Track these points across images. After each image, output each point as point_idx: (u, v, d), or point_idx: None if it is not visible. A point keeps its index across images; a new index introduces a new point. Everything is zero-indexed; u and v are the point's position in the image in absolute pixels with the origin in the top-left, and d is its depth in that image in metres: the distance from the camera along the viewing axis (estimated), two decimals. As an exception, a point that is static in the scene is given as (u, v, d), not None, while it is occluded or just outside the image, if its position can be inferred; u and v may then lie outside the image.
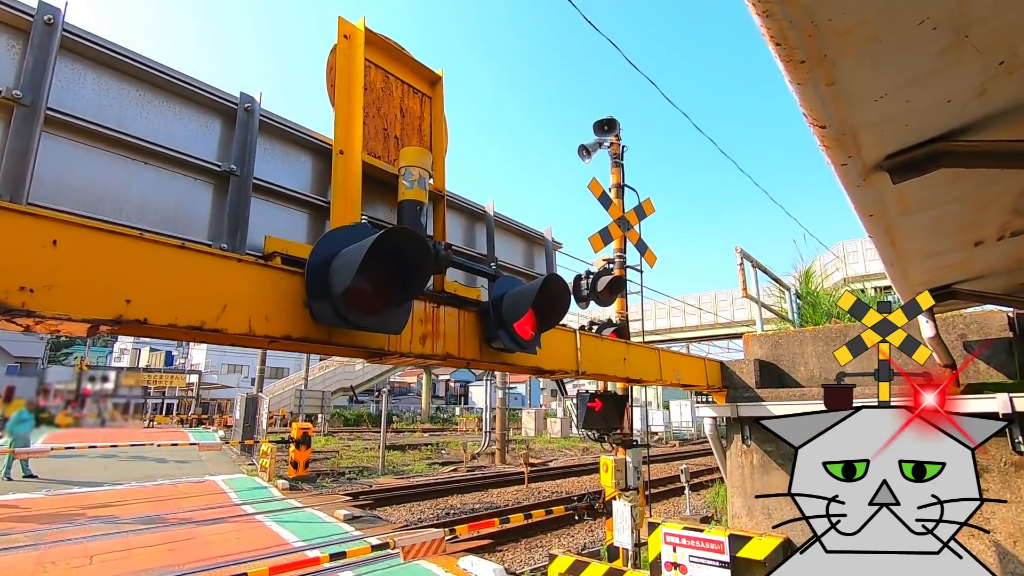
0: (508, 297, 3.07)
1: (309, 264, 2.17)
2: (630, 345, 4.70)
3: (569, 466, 21.41)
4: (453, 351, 3.03)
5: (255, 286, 2.12)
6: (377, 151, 3.16)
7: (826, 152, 1.91)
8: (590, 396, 7.18)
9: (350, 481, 17.33)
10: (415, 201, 2.90)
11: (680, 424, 42.03)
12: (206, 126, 2.48)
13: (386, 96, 3.30)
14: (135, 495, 14.26)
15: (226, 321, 2.00)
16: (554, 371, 3.76)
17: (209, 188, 2.45)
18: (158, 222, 2.19)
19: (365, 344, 2.49)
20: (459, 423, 45.36)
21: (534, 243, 4.40)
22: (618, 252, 8.95)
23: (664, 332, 37.23)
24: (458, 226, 3.75)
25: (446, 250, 2.80)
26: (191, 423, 41.11)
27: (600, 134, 9.03)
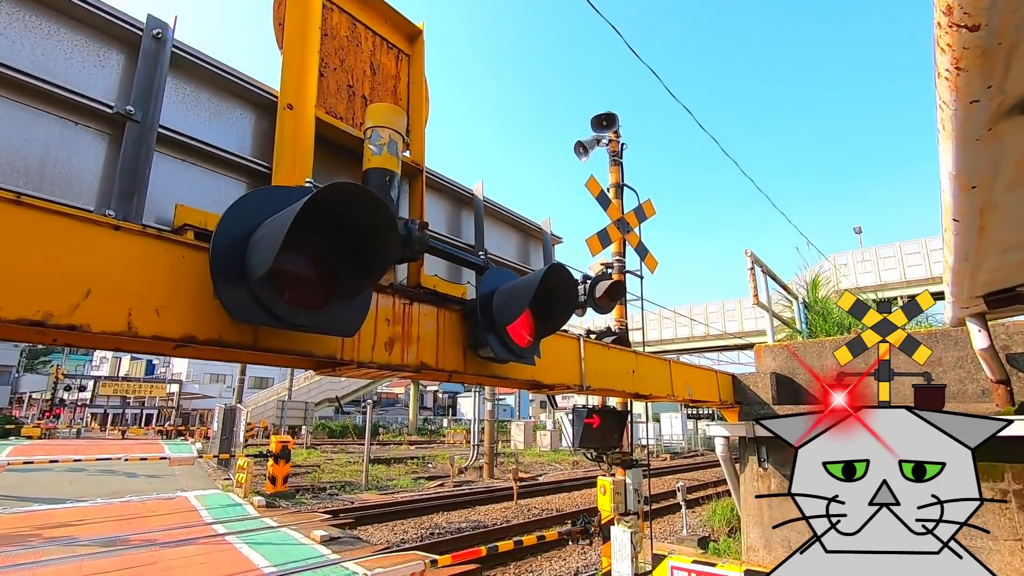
0: (500, 293, 2.43)
1: (216, 235, 1.53)
2: (639, 355, 4.08)
3: (559, 481, 20.75)
4: (429, 360, 2.39)
5: (141, 266, 1.49)
6: (339, 111, 2.54)
7: (956, 78, 1.34)
8: (587, 411, 6.55)
9: (331, 497, 16.54)
10: (383, 170, 2.28)
11: (671, 437, 41.48)
12: (99, 57, 1.85)
13: (352, 47, 2.69)
14: (99, 513, 13.36)
15: (89, 314, 1.36)
16: (554, 386, 3.13)
17: (101, 140, 1.82)
18: (8, 177, 1.55)
19: (309, 350, 1.86)
20: (447, 435, 44.42)
21: (530, 235, 3.79)
22: (617, 256, 8.39)
23: (656, 344, 36.71)
24: (440, 211, 3.13)
25: (422, 231, 2.17)
26: (170, 434, 39.85)
27: (598, 130, 8.48)
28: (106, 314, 1.40)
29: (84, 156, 1.75)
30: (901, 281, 28.77)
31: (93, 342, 1.47)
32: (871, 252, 30.80)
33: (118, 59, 1.89)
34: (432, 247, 2.38)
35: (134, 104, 1.81)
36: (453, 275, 3.05)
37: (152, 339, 1.47)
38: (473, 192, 3.26)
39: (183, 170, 2.00)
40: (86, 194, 1.74)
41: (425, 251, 2.26)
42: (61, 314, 1.32)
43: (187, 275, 1.58)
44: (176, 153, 1.98)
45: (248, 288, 1.51)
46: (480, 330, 2.43)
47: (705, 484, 20.04)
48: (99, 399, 47.68)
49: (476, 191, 3.26)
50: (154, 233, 1.54)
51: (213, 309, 1.61)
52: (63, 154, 1.71)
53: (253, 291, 1.51)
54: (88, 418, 47.98)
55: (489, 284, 2.51)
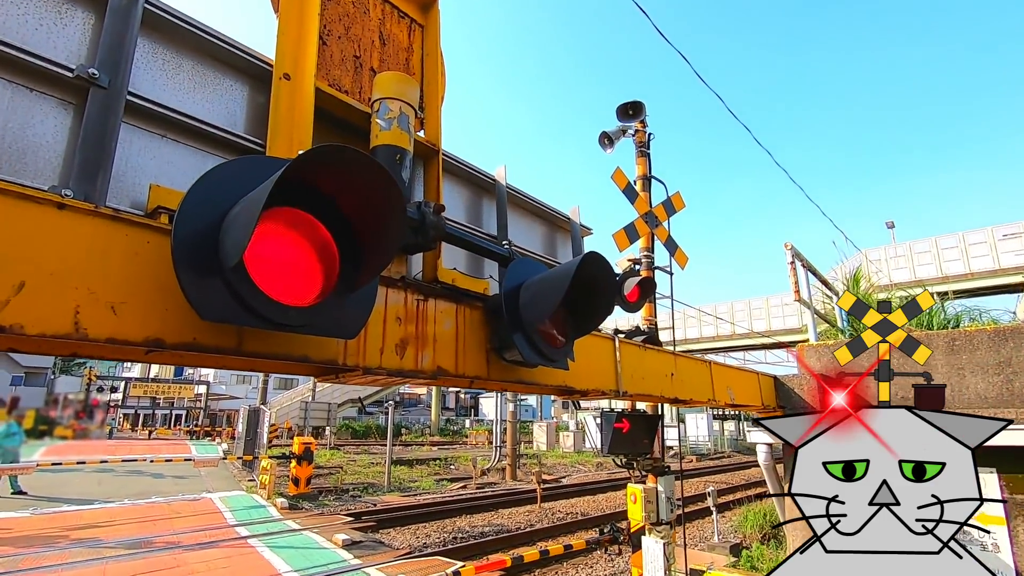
0: (528, 288, 2.11)
1: (180, 213, 1.22)
2: (678, 357, 3.72)
3: (583, 483, 20.36)
4: (448, 365, 2.08)
5: (92, 254, 1.21)
6: (344, 84, 2.25)
7: None
8: (617, 415, 6.19)
9: (354, 499, 16.44)
10: (394, 147, 1.99)
11: (696, 438, 40.65)
12: (60, 14, 1.59)
13: (359, 14, 2.40)
14: (125, 514, 13.47)
15: (22, 313, 1.09)
16: (587, 391, 2.80)
17: (62, 110, 1.56)
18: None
19: (304, 354, 1.57)
20: (469, 436, 44.26)
21: (557, 226, 3.46)
22: (645, 251, 8.01)
23: (681, 343, 35.97)
24: (459, 198, 2.82)
25: (437, 215, 1.86)
26: (199, 435, 40.53)
27: (624, 119, 8.08)
28: (45, 312, 1.12)
29: (40, 128, 1.49)
30: (938, 277, 27.66)
31: (31, 346, 1.21)
32: (904, 247, 29.70)
33: (83, 17, 1.63)
34: (450, 234, 2.07)
35: (99, 67, 1.54)
36: (473, 268, 2.75)
37: (107, 342, 1.19)
38: (495, 177, 2.95)
39: (160, 146, 1.73)
40: (43, 172, 1.48)
41: (442, 238, 1.95)
42: (-17, 312, 1.05)
43: (153, 265, 1.30)
44: (152, 127, 1.72)
45: (222, 278, 1.23)
46: (506, 330, 2.11)
47: (734, 487, 19.42)
48: (130, 400, 48.79)
49: (498, 176, 2.95)
50: (109, 214, 1.26)
51: (186, 306, 1.33)
52: (13, 125, 1.45)
53: (228, 282, 1.22)
54: (120, 418, 49.07)
55: (515, 277, 2.18)
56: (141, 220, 1.33)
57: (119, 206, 1.54)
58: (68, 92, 1.57)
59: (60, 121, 1.55)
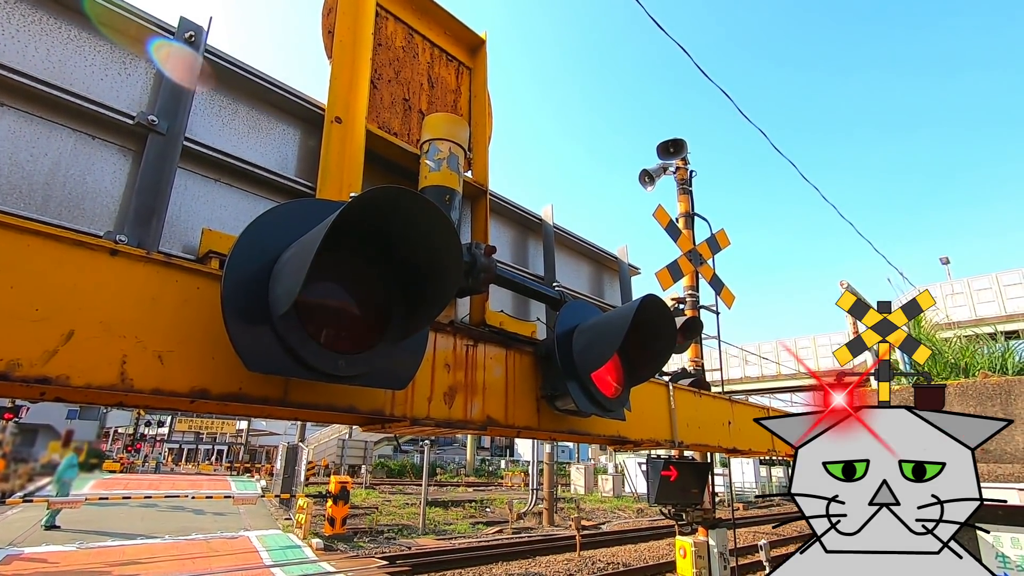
0: (582, 332, 2.00)
1: (231, 259, 1.18)
2: (734, 404, 3.49)
3: (624, 531, 19.47)
4: (497, 414, 1.97)
5: (142, 301, 1.18)
6: (393, 126, 2.25)
7: None
8: (664, 463, 5.88)
9: (389, 541, 16.14)
10: (443, 188, 1.94)
11: (743, 485, 38.70)
12: (124, 64, 1.62)
13: (409, 59, 2.42)
14: (166, 551, 13.57)
15: (69, 363, 1.05)
16: (640, 441, 2.62)
17: (121, 156, 1.57)
18: (7, 198, 1.30)
19: (351, 404, 1.49)
20: (505, 477, 43.31)
21: (604, 266, 3.35)
22: (689, 290, 7.77)
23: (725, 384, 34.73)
24: (504, 238, 2.76)
25: (488, 257, 1.79)
26: (239, 471, 41.01)
27: (665, 157, 8.02)
28: (92, 362, 1.08)
29: (99, 174, 1.50)
30: (1001, 315, 26.11)
31: (77, 396, 1.17)
32: (962, 284, 28.30)
33: (146, 66, 1.66)
34: (501, 277, 2.00)
35: (159, 114, 1.56)
36: (520, 310, 2.66)
37: (152, 393, 1.14)
38: (541, 217, 2.89)
39: (213, 190, 1.73)
40: (99, 217, 1.48)
41: (492, 281, 1.87)
42: (31, 362, 1.01)
43: (202, 312, 1.26)
44: (207, 171, 1.72)
45: (271, 327, 1.17)
46: (558, 377, 1.99)
47: (786, 540, 18.22)
48: (175, 435, 50.00)
49: (545, 216, 2.88)
50: (160, 260, 1.23)
51: (233, 354, 1.27)
52: (75, 172, 1.46)
53: (277, 331, 1.16)
54: (165, 453, 50.26)
55: (568, 321, 2.07)
56: (192, 266, 1.30)
57: (171, 251, 1.52)
58: (128, 139, 1.59)
59: (119, 167, 1.56)
